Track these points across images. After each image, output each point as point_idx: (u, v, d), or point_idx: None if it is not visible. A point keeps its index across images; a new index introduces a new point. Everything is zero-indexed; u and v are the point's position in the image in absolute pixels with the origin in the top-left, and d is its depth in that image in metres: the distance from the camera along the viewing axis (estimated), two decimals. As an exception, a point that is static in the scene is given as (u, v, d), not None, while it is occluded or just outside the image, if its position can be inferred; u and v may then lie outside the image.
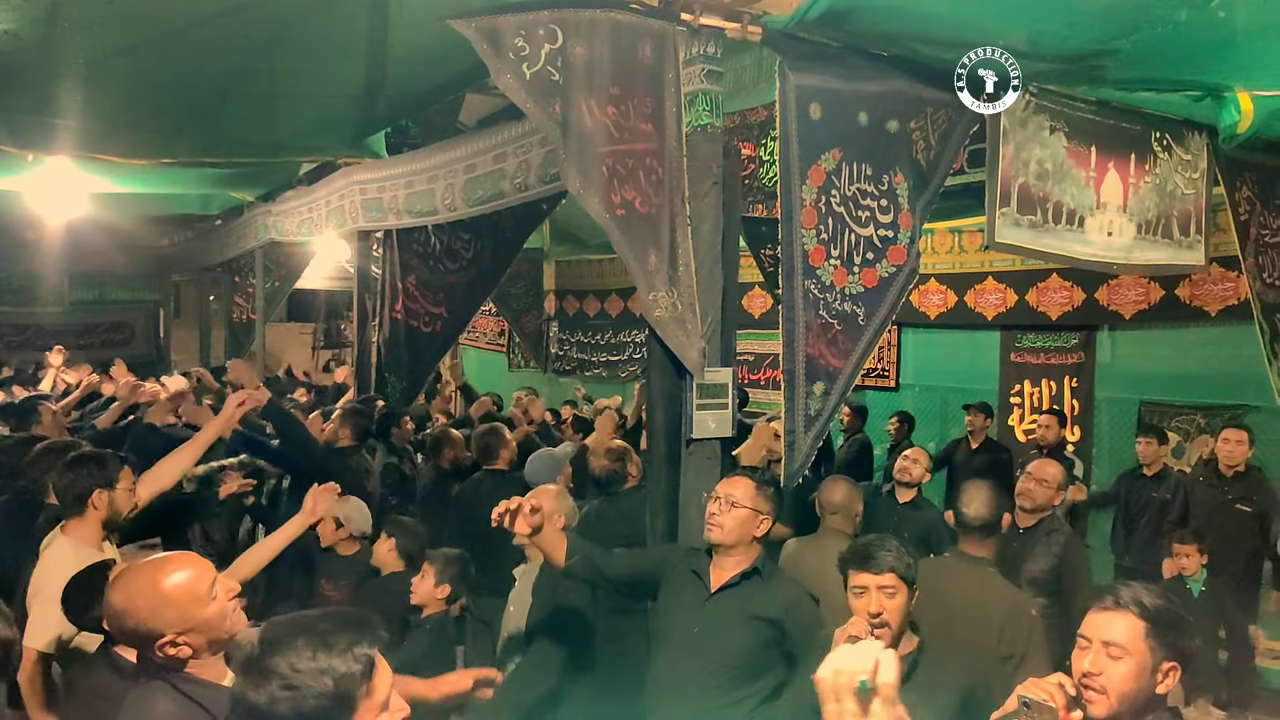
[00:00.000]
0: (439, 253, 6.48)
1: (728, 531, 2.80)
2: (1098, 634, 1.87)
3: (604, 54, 3.24)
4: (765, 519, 2.84)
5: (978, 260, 7.47)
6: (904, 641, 2.37)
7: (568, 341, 10.59)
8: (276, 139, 6.17)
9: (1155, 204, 4.46)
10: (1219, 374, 6.18)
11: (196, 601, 1.90)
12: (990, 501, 3.19)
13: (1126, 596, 1.87)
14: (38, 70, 4.51)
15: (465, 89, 5.46)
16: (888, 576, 2.32)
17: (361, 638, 1.46)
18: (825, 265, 3.50)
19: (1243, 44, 3.30)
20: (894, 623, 2.31)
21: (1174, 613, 1.88)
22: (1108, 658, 1.84)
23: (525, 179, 4.45)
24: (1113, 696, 1.82)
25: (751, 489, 2.84)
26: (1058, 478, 3.94)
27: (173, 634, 1.87)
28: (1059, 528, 3.88)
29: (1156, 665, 1.83)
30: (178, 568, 1.95)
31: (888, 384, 8.32)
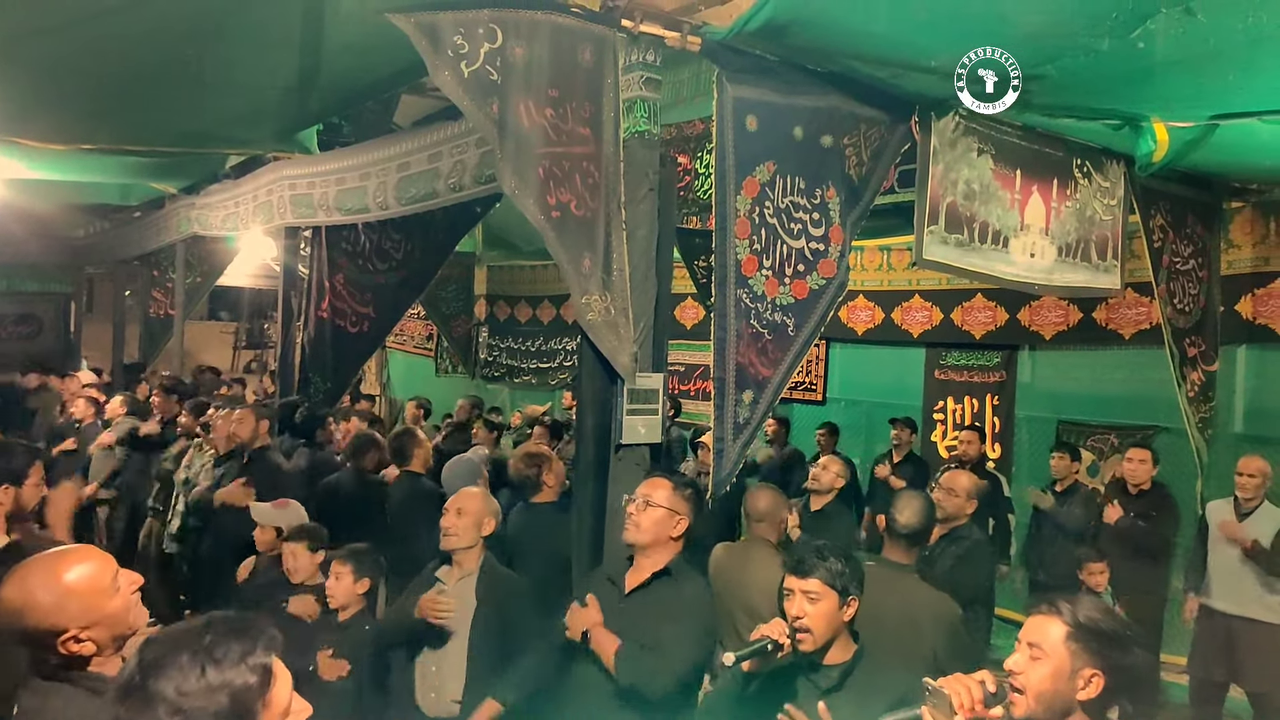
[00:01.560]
0: (369, 252, 6.36)
1: (644, 531, 2.82)
2: (1026, 635, 1.93)
3: (543, 55, 3.24)
4: (682, 519, 2.86)
5: (905, 278, 7.66)
6: (837, 649, 2.36)
7: (497, 347, 10.49)
8: (203, 129, 5.98)
9: (1075, 228, 4.62)
10: (1132, 395, 6.41)
11: (100, 594, 1.81)
12: (922, 511, 3.27)
13: (1062, 604, 1.92)
14: (-55, 49, 4.29)
15: (402, 87, 5.37)
16: (811, 582, 2.32)
17: (254, 645, 1.35)
18: (757, 275, 3.53)
19: (1160, 76, 3.44)
20: (816, 629, 2.31)
21: (1108, 626, 1.91)
22: (1029, 658, 1.89)
23: (460, 179, 4.39)
24: (1030, 696, 1.86)
25: (669, 490, 2.87)
26: (967, 488, 4.05)
27: (76, 629, 1.77)
28: (966, 535, 3.99)
29: (1076, 670, 1.87)
30: (78, 560, 1.84)
31: (815, 398, 8.44)
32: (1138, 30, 3.03)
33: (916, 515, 3.24)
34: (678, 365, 8.87)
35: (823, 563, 2.34)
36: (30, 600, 1.76)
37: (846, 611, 2.34)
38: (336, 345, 6.46)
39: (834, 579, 2.32)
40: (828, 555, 2.37)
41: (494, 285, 10.72)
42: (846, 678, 2.33)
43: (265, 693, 1.33)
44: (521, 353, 10.28)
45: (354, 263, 6.39)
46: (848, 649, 2.38)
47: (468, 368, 10.62)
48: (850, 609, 2.35)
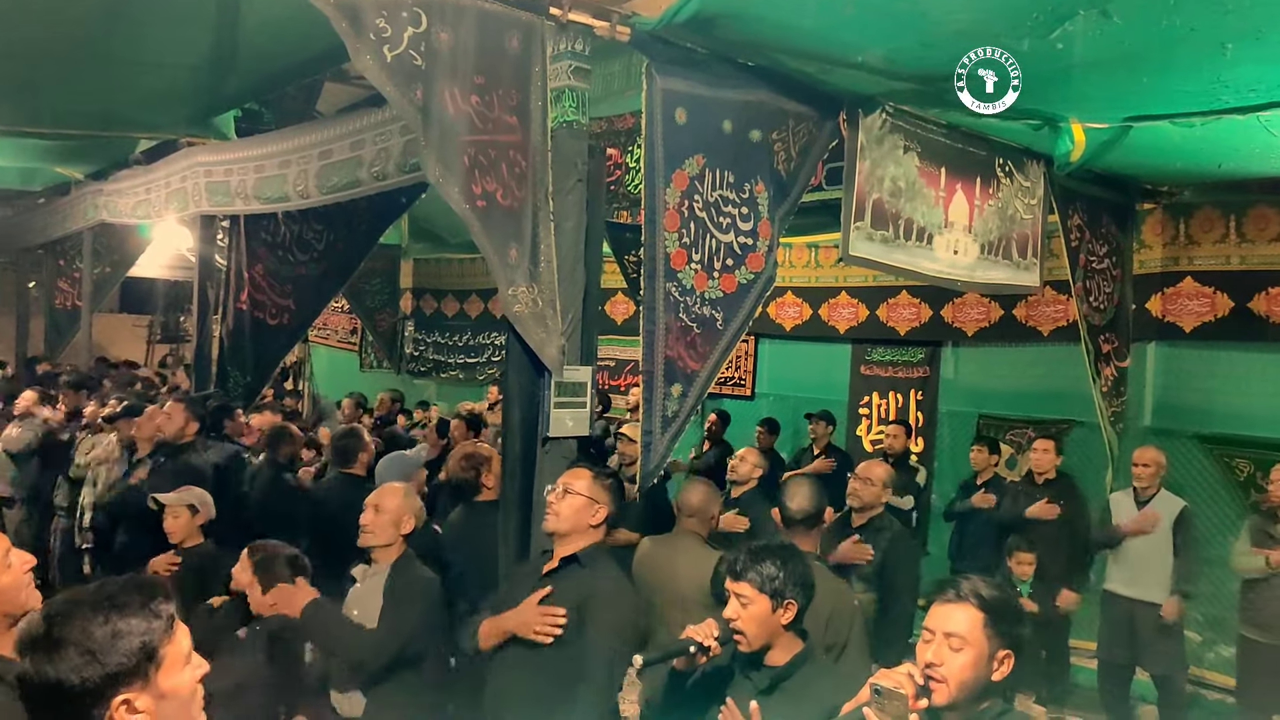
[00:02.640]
0: (289, 242, 6.17)
1: (562, 519, 2.82)
2: (940, 626, 1.94)
3: (469, 41, 3.16)
4: (601, 507, 2.85)
5: (833, 275, 7.76)
6: (778, 651, 2.33)
7: (424, 342, 10.33)
8: (111, 111, 5.75)
9: (997, 226, 4.73)
10: (1049, 391, 6.60)
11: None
12: (811, 496, 3.30)
13: (966, 589, 1.95)
14: None
15: (323, 73, 5.23)
16: (742, 585, 2.30)
17: (154, 594, 1.42)
18: (686, 269, 3.51)
19: (1077, 77, 3.53)
20: (749, 632, 2.28)
21: (1008, 603, 1.97)
22: (949, 649, 1.91)
23: (384, 168, 4.27)
24: (953, 685, 1.89)
25: (589, 478, 2.87)
26: (882, 477, 4.11)
27: None
28: (887, 525, 4.05)
29: (993, 654, 1.91)
30: None
31: (744, 393, 8.51)
32: (1056, 31, 3.10)
33: (807, 498, 3.27)
34: (608, 360, 8.84)
35: (755, 566, 2.31)
36: None
37: (783, 614, 2.30)
38: (256, 338, 6.27)
39: (765, 583, 2.28)
40: (763, 558, 2.33)
41: (420, 279, 10.53)
42: (780, 682, 2.31)
43: (169, 636, 1.40)
44: (448, 347, 10.12)
45: (274, 253, 6.20)
46: (789, 651, 2.34)
47: (393, 363, 10.43)
48: (788, 612, 2.30)
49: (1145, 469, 5.14)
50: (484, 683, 2.93)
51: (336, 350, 11.55)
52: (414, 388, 10.17)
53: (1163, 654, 5.02)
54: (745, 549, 2.40)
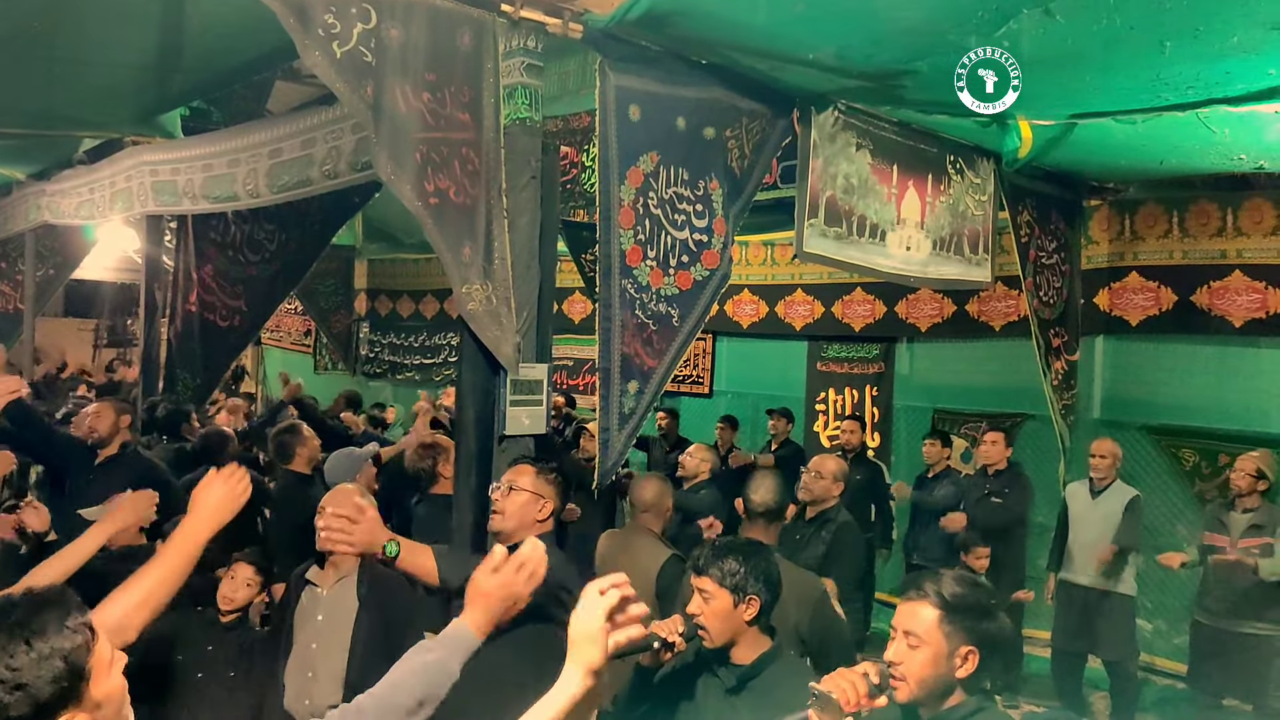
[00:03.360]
0: (239, 242, 6.07)
1: (508, 516, 2.76)
2: (900, 624, 1.95)
3: (420, 38, 3.13)
4: (547, 503, 2.81)
5: (788, 272, 7.83)
6: (743, 648, 2.32)
7: (379, 343, 10.24)
8: (52, 109, 5.59)
9: (949, 223, 4.80)
10: (1002, 385, 6.73)
11: None
12: (774, 489, 3.32)
13: (929, 587, 1.95)
14: None
15: (273, 70, 5.13)
16: (703, 580, 2.30)
17: (67, 608, 1.37)
18: (642, 266, 3.52)
19: (1024, 75, 3.59)
20: (712, 627, 2.28)
21: (972, 599, 1.95)
22: (907, 647, 1.92)
23: (335, 166, 4.21)
24: (913, 683, 1.90)
25: (533, 474, 2.82)
26: (834, 471, 4.17)
27: None
28: (835, 518, 4.10)
29: (953, 651, 1.91)
30: None
31: (702, 390, 8.56)
32: (1001, 29, 3.16)
33: (770, 493, 3.29)
34: (566, 360, 8.82)
35: (717, 561, 2.30)
36: None
37: (745, 611, 2.29)
38: (205, 340, 6.16)
39: (726, 578, 2.27)
40: (725, 554, 2.32)
41: (375, 279, 10.44)
42: (748, 680, 2.30)
43: (91, 648, 1.36)
44: (404, 348, 10.04)
45: (224, 254, 6.09)
46: (756, 648, 2.33)
47: (348, 364, 10.32)
48: (750, 608, 2.29)
49: (1102, 460, 5.24)
50: None
51: (290, 352, 11.37)
52: (370, 389, 10.06)
53: (1115, 640, 5.13)
54: (710, 545, 2.40)
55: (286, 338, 11.33)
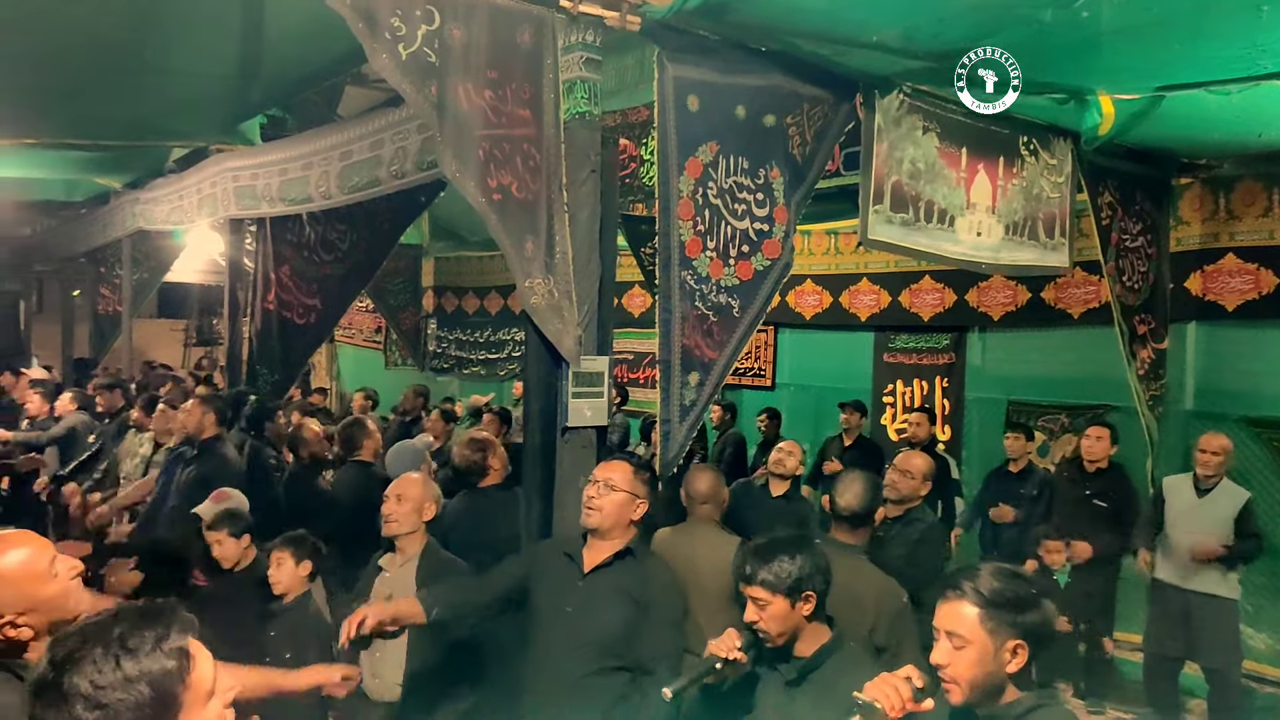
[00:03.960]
0: (314, 243, 6.29)
1: (606, 515, 2.78)
2: (943, 624, 1.90)
3: (482, 37, 3.19)
4: (641, 503, 2.83)
5: (853, 261, 7.68)
6: (805, 641, 2.31)
7: (446, 339, 10.43)
8: (145, 121, 5.89)
9: (1022, 206, 4.64)
10: (1082, 375, 6.46)
11: (36, 579, 1.79)
12: (862, 494, 3.22)
13: (965, 584, 1.89)
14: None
15: (343, 74, 5.30)
16: (755, 590, 2.27)
17: (168, 630, 1.29)
18: (701, 257, 3.51)
19: (1105, 46, 3.45)
20: (771, 630, 2.26)
21: (1013, 591, 1.89)
22: (952, 648, 1.87)
23: (402, 166, 4.33)
24: (963, 685, 1.86)
25: (629, 472, 2.83)
26: (922, 469, 4.04)
27: (11, 614, 1.75)
28: (920, 517, 3.97)
29: (1000, 647, 1.85)
30: (13, 544, 1.82)
31: (764, 383, 8.47)
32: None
33: (858, 498, 3.20)
34: (626, 353, 8.85)
35: (765, 566, 2.26)
36: None
37: (803, 607, 2.27)
38: (283, 337, 6.40)
39: (778, 583, 2.24)
40: (772, 557, 2.28)
41: (441, 277, 10.64)
42: (809, 672, 2.28)
43: (186, 676, 1.29)
44: (469, 344, 10.22)
45: (299, 254, 6.31)
46: (817, 640, 2.31)
47: (416, 360, 10.55)
48: (807, 604, 2.27)
49: (1213, 456, 4.84)
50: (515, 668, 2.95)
51: (362, 349, 11.70)
52: (438, 384, 10.27)
53: (1217, 646, 4.81)
54: (751, 549, 2.35)
55: (358, 335, 11.66)
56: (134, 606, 1.35)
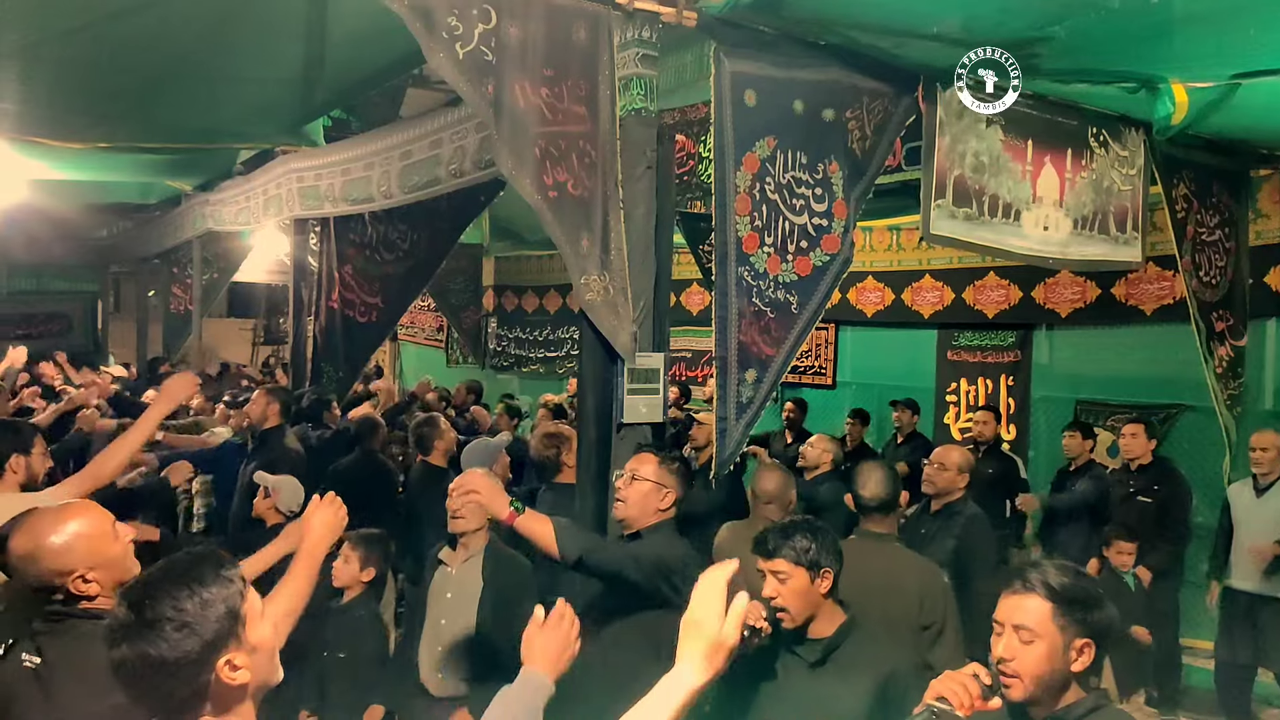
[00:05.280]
0: (376, 242, 6.41)
1: (631, 504, 2.80)
2: (1009, 618, 1.86)
3: (538, 35, 3.20)
4: (670, 492, 2.83)
5: (915, 258, 7.54)
6: (822, 622, 2.35)
7: (506, 337, 10.55)
8: (213, 125, 6.04)
9: (1092, 200, 4.51)
10: (1155, 374, 6.25)
11: (102, 538, 2.00)
12: (883, 481, 3.22)
13: (1034, 578, 1.86)
14: (-27, 50, 4.36)
15: (403, 74, 5.38)
16: (777, 562, 2.32)
17: (220, 561, 1.50)
18: (759, 252, 3.48)
19: (1178, 33, 3.32)
20: (792, 607, 2.31)
21: (1083, 589, 1.86)
22: (1019, 642, 1.83)
23: (461, 165, 4.38)
24: (1027, 680, 1.82)
25: (655, 463, 2.85)
26: (957, 462, 4.00)
27: (83, 569, 1.95)
28: (962, 510, 3.93)
29: (1068, 644, 1.82)
30: (80, 510, 2.05)
31: (824, 381, 8.36)
32: (1150, -16, 2.93)
33: (879, 484, 3.20)
34: (684, 351, 8.83)
35: (786, 541, 2.33)
36: (39, 546, 1.95)
37: (821, 584, 2.33)
38: (347, 335, 6.53)
39: (799, 556, 2.31)
40: (792, 533, 2.36)
41: (501, 276, 10.76)
42: (831, 651, 2.32)
43: (244, 598, 1.48)
44: (529, 342, 10.32)
45: (362, 253, 6.44)
46: (833, 621, 2.37)
47: (477, 358, 10.69)
48: (825, 581, 2.33)
49: (1264, 453, 4.78)
50: None
51: (424, 347, 11.88)
52: (498, 382, 10.39)
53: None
54: (772, 528, 2.42)
55: (420, 333, 11.85)
56: (180, 553, 1.53)
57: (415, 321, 11.56)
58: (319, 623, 3.34)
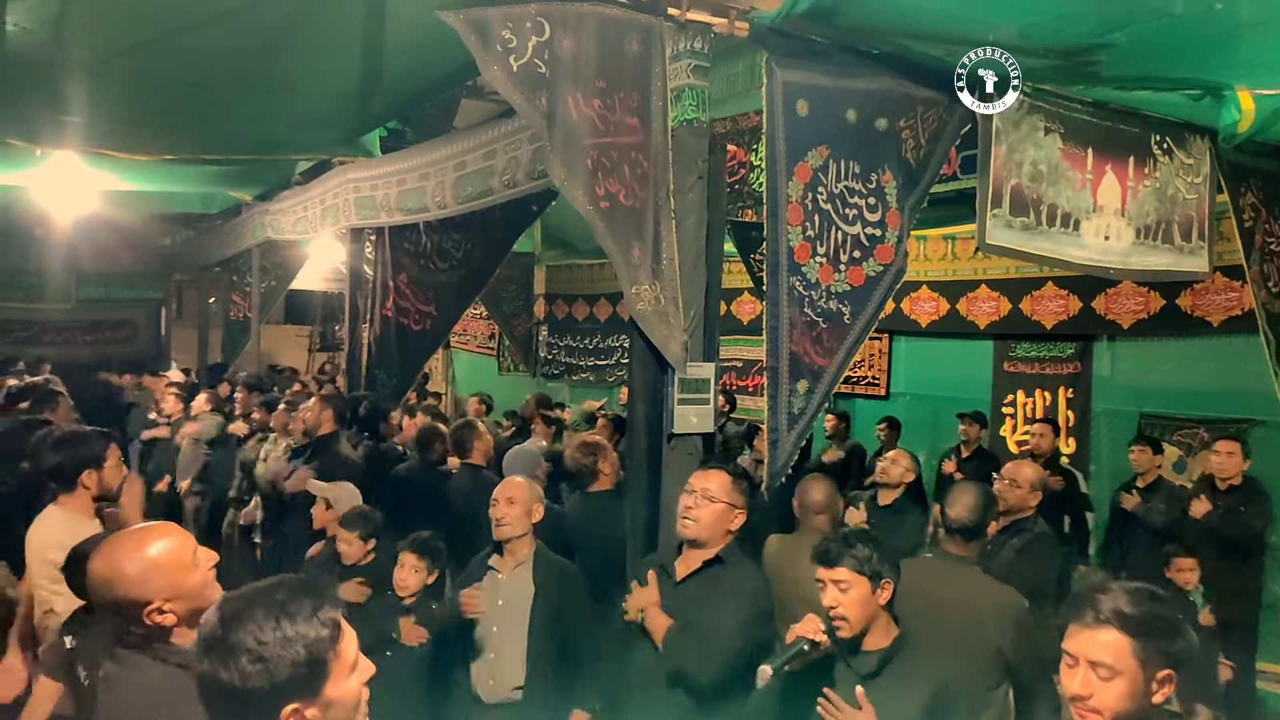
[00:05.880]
0: (430, 251, 6.50)
1: (704, 526, 2.77)
2: (1084, 653, 1.75)
3: (591, 47, 3.23)
4: (739, 513, 2.82)
5: (971, 268, 7.42)
6: (877, 634, 2.34)
7: (556, 345, 10.60)
8: (273, 136, 6.20)
9: (1155, 208, 4.39)
10: (1222, 387, 6.06)
11: (182, 568, 1.90)
12: (973, 506, 3.13)
13: (1107, 608, 1.74)
14: (47, 65, 4.58)
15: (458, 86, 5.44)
16: (839, 571, 2.32)
17: (322, 602, 1.42)
18: (811, 262, 3.45)
19: (1244, 39, 3.23)
20: (851, 616, 2.31)
21: (1161, 617, 1.75)
22: (1097, 679, 1.73)
23: (514, 175, 4.42)
24: (1107, 716, 1.73)
25: (727, 482, 2.82)
26: (1030, 479, 3.91)
27: (160, 601, 1.86)
28: (1029, 528, 3.84)
29: (1149, 678, 1.72)
30: (162, 535, 1.94)
31: (878, 392, 8.26)
32: (1214, -11, 2.85)
33: (968, 509, 3.11)
34: (735, 361, 8.79)
35: (849, 550, 2.34)
36: (118, 572, 1.85)
37: (881, 595, 2.33)
38: (401, 342, 6.62)
39: (861, 565, 2.31)
40: (854, 542, 2.37)
41: (553, 284, 10.83)
42: (886, 664, 2.32)
43: (335, 646, 1.40)
44: (580, 350, 10.37)
45: (416, 262, 6.54)
46: (888, 634, 2.36)
47: (529, 366, 10.77)
48: (885, 592, 2.34)
49: None
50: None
51: (476, 355, 12.01)
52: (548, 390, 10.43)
53: None
54: (832, 537, 2.44)
55: (473, 341, 11.98)
56: (293, 578, 1.48)
57: (468, 329, 11.68)
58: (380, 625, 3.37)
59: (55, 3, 3.84)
